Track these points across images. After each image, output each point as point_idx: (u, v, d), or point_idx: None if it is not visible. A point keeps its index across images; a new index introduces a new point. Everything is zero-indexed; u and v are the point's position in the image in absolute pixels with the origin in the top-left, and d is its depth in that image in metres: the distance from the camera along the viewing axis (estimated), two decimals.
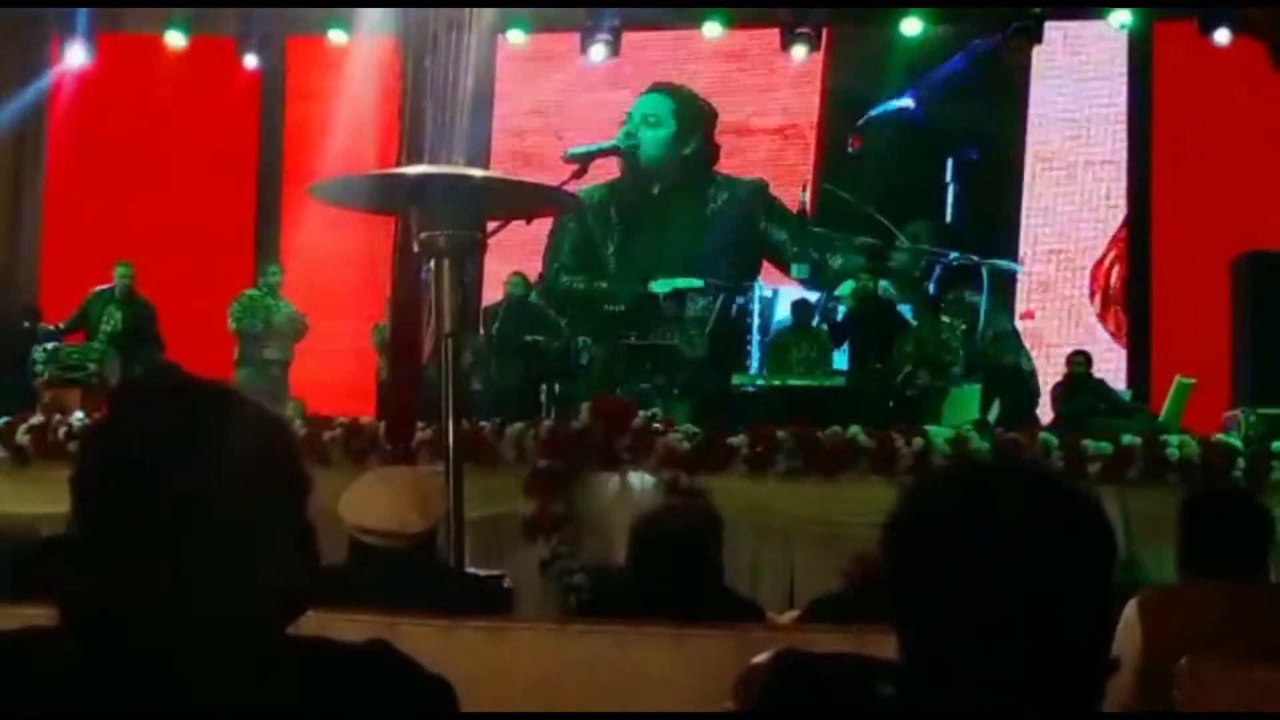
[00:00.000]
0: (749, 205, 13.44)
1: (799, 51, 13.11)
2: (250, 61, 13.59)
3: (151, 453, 1.52)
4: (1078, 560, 1.62)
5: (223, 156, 14.09)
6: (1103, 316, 13.22)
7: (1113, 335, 13.08)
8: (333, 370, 12.78)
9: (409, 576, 3.67)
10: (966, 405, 10.04)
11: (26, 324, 11.60)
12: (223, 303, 11.98)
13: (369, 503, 3.75)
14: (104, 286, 11.84)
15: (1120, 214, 13.27)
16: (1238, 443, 8.61)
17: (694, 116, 13.75)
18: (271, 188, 14.21)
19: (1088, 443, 8.54)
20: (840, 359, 11.58)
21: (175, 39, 13.66)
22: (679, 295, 11.91)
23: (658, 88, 13.95)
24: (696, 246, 13.35)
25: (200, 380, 1.66)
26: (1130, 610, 3.70)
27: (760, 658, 1.78)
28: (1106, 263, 13.27)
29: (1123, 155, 13.28)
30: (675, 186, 13.72)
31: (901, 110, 12.98)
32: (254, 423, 1.59)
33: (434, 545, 3.92)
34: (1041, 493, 1.66)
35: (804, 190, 12.99)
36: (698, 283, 12.14)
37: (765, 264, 13.39)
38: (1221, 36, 12.13)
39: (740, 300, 11.92)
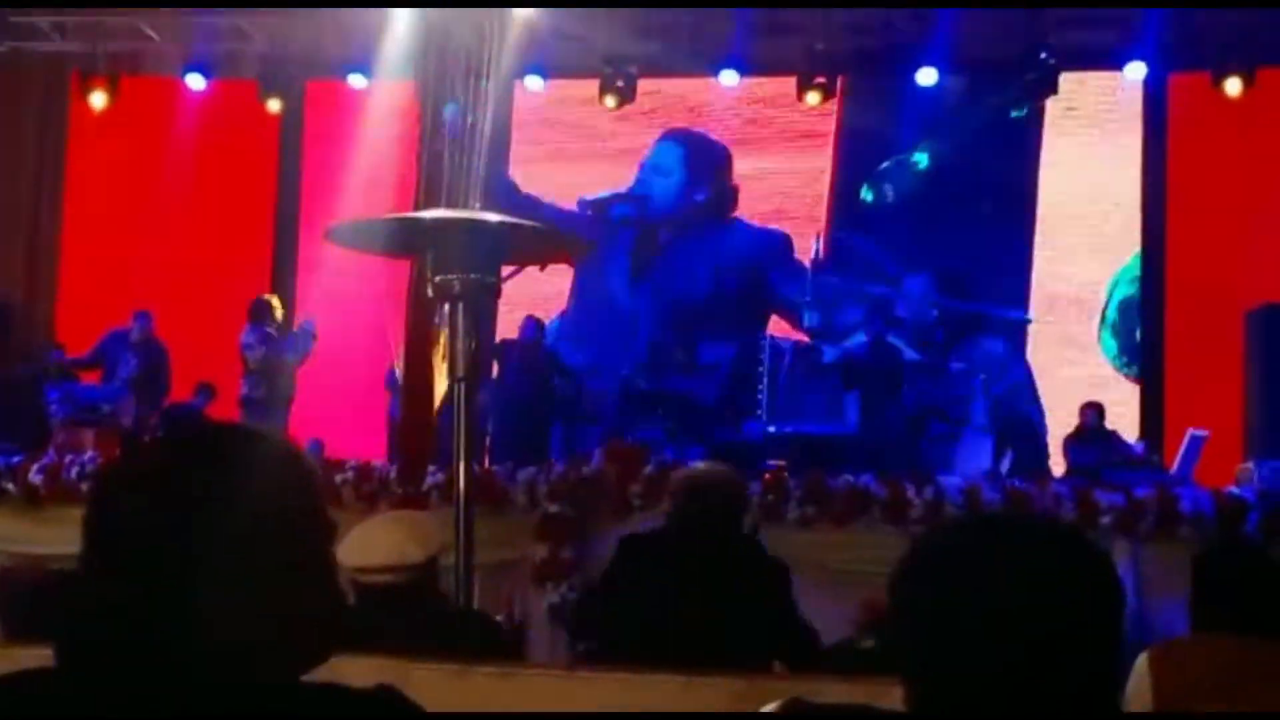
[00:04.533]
0: (764, 257, 13.44)
1: (813, 99, 13.16)
2: (271, 105, 13.67)
3: (166, 499, 1.53)
4: (1085, 612, 1.63)
5: (241, 199, 14.19)
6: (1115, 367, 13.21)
7: (1124, 375, 13.06)
8: (346, 411, 12.81)
9: (416, 615, 3.67)
10: (978, 454, 10.04)
11: (52, 354, 11.68)
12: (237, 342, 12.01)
13: (366, 543, 3.76)
14: (121, 329, 11.91)
15: (1134, 264, 13.28)
16: (1251, 496, 8.58)
17: (705, 163, 13.78)
18: (289, 230, 14.28)
19: (1100, 494, 8.51)
20: (851, 406, 11.58)
21: (196, 82, 13.76)
22: (690, 342, 11.93)
23: (669, 135, 14.01)
24: (706, 294, 13.36)
25: (224, 425, 1.67)
26: (1141, 662, 3.70)
27: (769, 707, 1.78)
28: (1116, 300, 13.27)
29: (1136, 205, 13.30)
30: (687, 234, 13.74)
31: (915, 163, 13.05)
32: (278, 465, 1.60)
33: (438, 581, 3.92)
34: (1049, 545, 1.66)
35: (817, 239, 13.03)
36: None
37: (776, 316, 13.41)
38: (1233, 87, 12.17)
39: (751, 348, 11.94)
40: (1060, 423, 11.69)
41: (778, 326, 12.96)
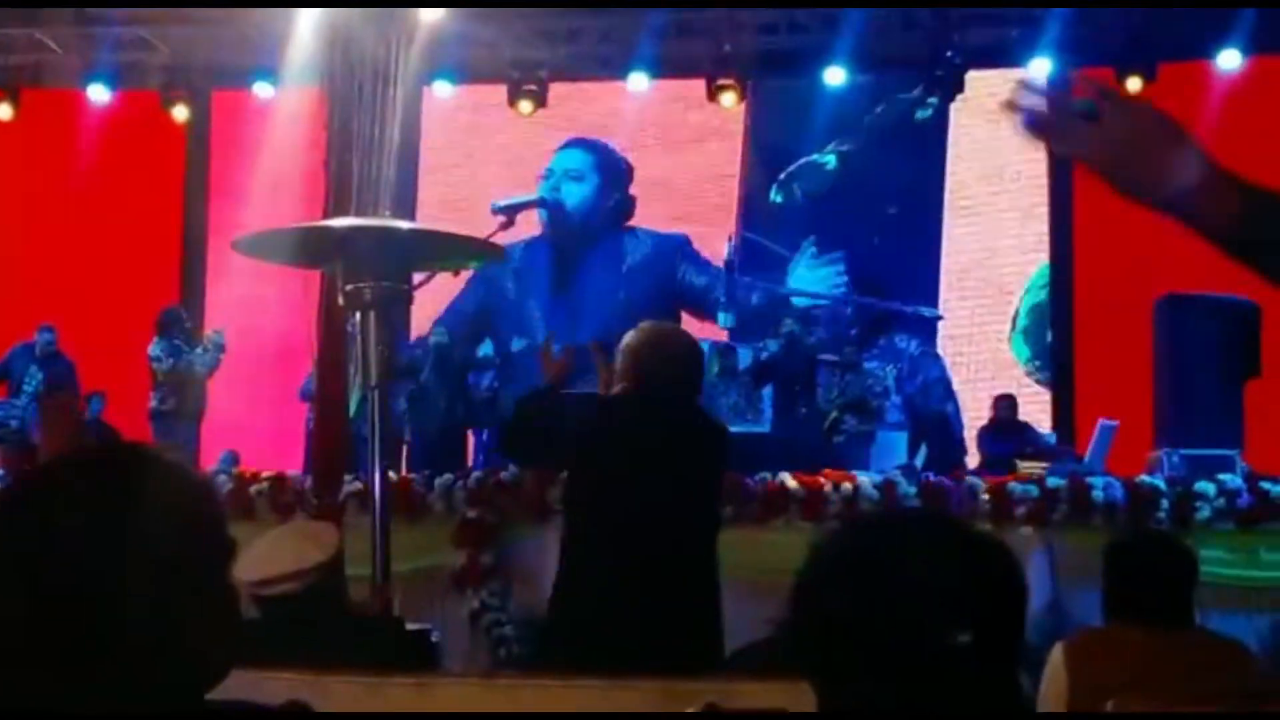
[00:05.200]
0: (668, 258, 13.45)
1: (725, 101, 13.19)
2: (177, 115, 13.51)
3: (67, 523, 1.50)
4: (987, 607, 1.63)
5: (148, 210, 14.02)
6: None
7: (1035, 380, 13.21)
8: (262, 422, 12.68)
9: (325, 626, 3.63)
10: (893, 450, 10.11)
11: None
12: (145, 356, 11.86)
13: (262, 557, 3.72)
14: (26, 343, 11.73)
15: (1042, 258, 13.43)
16: (1161, 484, 8.71)
17: (614, 171, 13.78)
18: (197, 240, 14.13)
19: (1014, 486, 8.61)
20: (766, 406, 11.62)
21: (99, 93, 13.59)
22: (607, 346, 11.88)
23: (576, 142, 13.98)
24: (615, 300, 13.34)
25: (121, 447, 1.64)
26: (1056, 654, 3.73)
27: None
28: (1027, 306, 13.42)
29: (1044, 199, 13.45)
30: (597, 241, 13.74)
31: (823, 163, 13.14)
32: (175, 489, 1.58)
33: (344, 591, 3.87)
34: (949, 540, 1.66)
35: (729, 240, 13.08)
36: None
37: (688, 316, 13.38)
38: (1134, 85, 12.35)
39: None
40: (973, 417, 11.80)
41: (692, 328, 12.97)
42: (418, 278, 4.65)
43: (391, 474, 7.02)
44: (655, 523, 4.22)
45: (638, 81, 13.37)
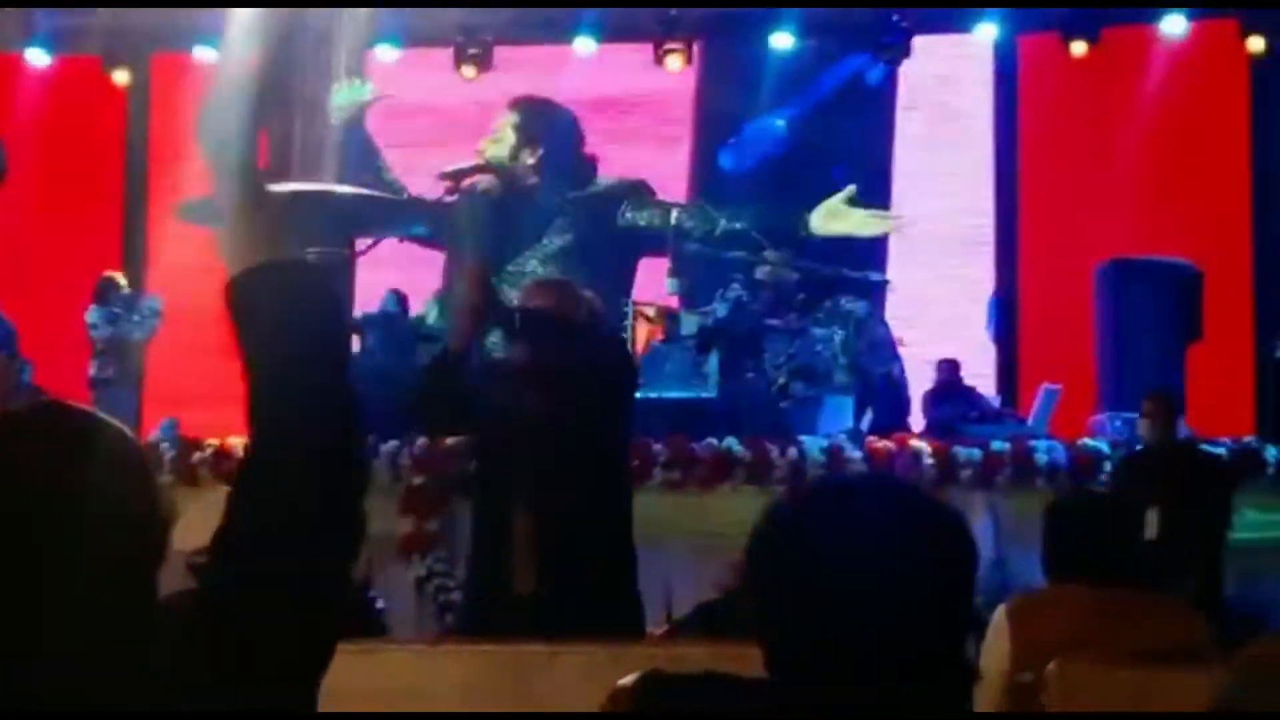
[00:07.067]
0: (613, 200, 12.93)
1: (671, 65, 13.14)
2: (117, 79, 13.36)
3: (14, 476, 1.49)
4: (937, 572, 1.65)
5: (88, 175, 13.85)
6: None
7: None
8: (208, 388, 12.57)
9: None
10: (839, 415, 10.14)
11: None
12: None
13: (200, 525, 3.68)
14: None
15: (988, 222, 13.48)
16: (1105, 447, 8.79)
17: (539, 126, 13.38)
18: (138, 206, 13.98)
19: (958, 449, 8.67)
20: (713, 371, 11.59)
21: (38, 57, 13.41)
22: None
23: (513, 103, 13.75)
24: (562, 257, 13.11)
25: (61, 409, 1.63)
26: (999, 615, 3.75)
27: (626, 680, 1.78)
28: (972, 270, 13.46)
29: (989, 164, 13.49)
30: (541, 202, 13.55)
31: (772, 129, 13.11)
32: (120, 451, 1.57)
33: None
34: (901, 506, 1.68)
35: (676, 208, 13.00)
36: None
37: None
38: (1079, 49, 12.41)
39: (613, 315, 11.85)
40: (918, 381, 11.83)
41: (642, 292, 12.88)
42: (362, 244, 4.63)
43: None
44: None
45: (584, 45, 13.31)
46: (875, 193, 13.34)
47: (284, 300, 1.64)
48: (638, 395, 10.23)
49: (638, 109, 13.99)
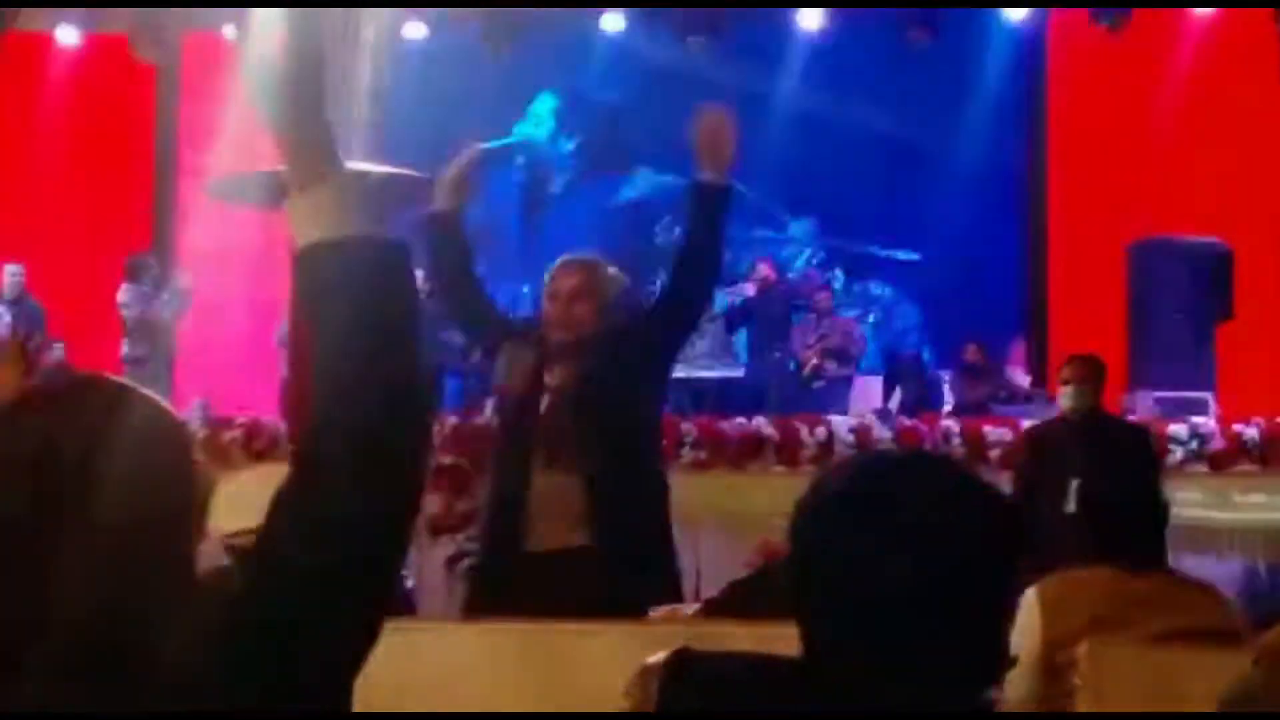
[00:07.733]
0: (660, 207, 13.08)
1: (694, 47, 13.08)
2: (145, 58, 13.38)
3: (21, 454, 1.49)
4: (982, 550, 1.63)
5: (119, 154, 13.89)
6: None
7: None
8: (239, 369, 12.61)
9: None
10: (868, 395, 10.13)
11: None
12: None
13: (233, 503, 3.68)
14: None
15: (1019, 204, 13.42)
16: None
17: (578, 113, 13.48)
18: (168, 185, 14.01)
19: (987, 429, 8.64)
20: (742, 350, 11.60)
21: (68, 35, 13.44)
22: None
23: (550, 87, 13.78)
24: (593, 246, 13.17)
25: (96, 381, 1.63)
26: (1030, 596, 3.74)
27: (654, 658, 1.77)
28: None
29: (1020, 144, 13.43)
30: (576, 186, 13.59)
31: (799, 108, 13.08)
32: (149, 426, 1.56)
33: None
34: (949, 484, 1.67)
35: None
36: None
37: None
38: (1107, 20, 12.31)
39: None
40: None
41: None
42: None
43: None
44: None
45: (613, 22, 13.26)
46: (907, 172, 13.30)
47: (363, 283, 1.55)
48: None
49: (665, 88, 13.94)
